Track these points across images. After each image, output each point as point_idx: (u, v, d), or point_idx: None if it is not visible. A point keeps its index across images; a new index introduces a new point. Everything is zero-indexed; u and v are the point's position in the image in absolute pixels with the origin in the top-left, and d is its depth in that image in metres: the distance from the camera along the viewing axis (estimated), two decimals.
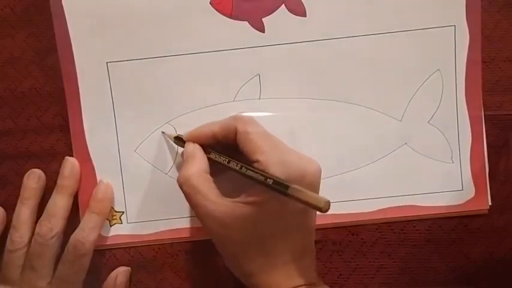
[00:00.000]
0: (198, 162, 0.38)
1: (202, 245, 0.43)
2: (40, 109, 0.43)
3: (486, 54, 0.43)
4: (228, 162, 0.38)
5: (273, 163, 0.35)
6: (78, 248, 0.40)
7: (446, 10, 0.42)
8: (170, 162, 0.43)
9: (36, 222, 0.41)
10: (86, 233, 0.40)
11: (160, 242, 0.43)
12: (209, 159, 0.39)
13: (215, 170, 0.39)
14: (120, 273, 0.43)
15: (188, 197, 0.37)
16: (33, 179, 0.42)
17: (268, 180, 0.35)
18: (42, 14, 0.42)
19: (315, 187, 0.36)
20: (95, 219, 0.41)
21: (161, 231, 0.43)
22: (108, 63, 0.42)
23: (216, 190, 0.37)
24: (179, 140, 0.41)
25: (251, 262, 0.37)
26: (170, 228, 0.43)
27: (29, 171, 0.43)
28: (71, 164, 0.42)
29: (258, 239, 0.37)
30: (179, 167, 0.43)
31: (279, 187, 0.34)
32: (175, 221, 0.43)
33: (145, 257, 0.44)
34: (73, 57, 0.42)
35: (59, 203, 0.41)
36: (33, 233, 0.41)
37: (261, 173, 0.35)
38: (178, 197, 0.38)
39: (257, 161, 0.36)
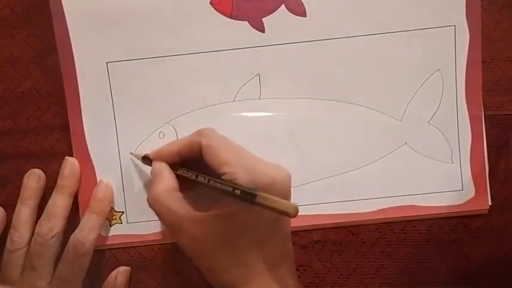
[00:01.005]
0: (165, 179, 0.38)
1: None
2: (40, 109, 0.43)
3: (486, 54, 0.43)
4: (196, 177, 0.37)
5: (240, 173, 0.35)
6: (78, 248, 0.40)
7: (446, 10, 0.42)
8: None
9: (36, 222, 0.41)
10: (86, 233, 0.40)
11: (160, 242, 0.43)
12: (177, 175, 0.39)
13: (185, 186, 0.39)
14: (120, 273, 0.43)
15: (160, 216, 0.37)
16: (33, 179, 0.42)
17: (236, 190, 0.34)
18: (42, 14, 0.42)
19: (285, 193, 0.36)
20: (94, 219, 0.41)
21: (161, 231, 0.43)
22: (108, 63, 0.42)
23: (186, 206, 0.37)
24: (147, 160, 0.40)
25: (227, 274, 0.37)
26: None
27: (29, 171, 0.43)
28: (71, 164, 0.42)
29: (232, 250, 0.36)
30: None
31: (247, 196, 0.34)
32: None
33: (145, 257, 0.44)
34: (73, 57, 0.42)
35: (59, 203, 0.41)
36: (33, 233, 0.41)
37: (229, 184, 0.35)
38: None
39: (225, 173, 0.36)
